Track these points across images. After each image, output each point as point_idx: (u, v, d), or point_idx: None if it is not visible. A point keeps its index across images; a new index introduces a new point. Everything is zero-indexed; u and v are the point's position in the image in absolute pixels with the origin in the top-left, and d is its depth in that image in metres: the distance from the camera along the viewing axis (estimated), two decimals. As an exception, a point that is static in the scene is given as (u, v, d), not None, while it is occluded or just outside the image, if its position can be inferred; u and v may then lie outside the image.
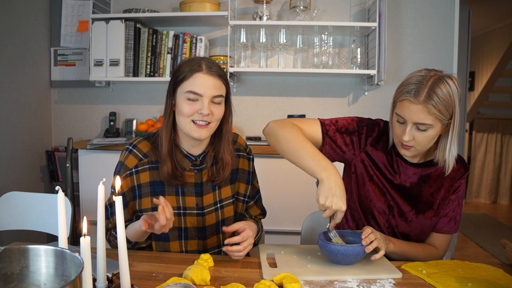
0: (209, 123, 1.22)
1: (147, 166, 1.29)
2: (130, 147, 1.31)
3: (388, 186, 1.32)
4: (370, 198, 1.33)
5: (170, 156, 1.25)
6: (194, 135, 1.22)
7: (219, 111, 1.24)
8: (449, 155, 1.22)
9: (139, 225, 1.12)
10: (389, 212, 1.33)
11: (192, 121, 1.21)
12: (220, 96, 1.23)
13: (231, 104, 1.31)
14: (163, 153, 1.25)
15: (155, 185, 1.29)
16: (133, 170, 1.28)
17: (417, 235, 1.34)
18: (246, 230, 1.19)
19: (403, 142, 1.20)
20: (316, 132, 1.32)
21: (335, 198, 1.10)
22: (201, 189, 1.32)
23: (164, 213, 1.06)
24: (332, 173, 1.13)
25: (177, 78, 1.22)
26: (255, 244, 1.38)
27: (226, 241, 1.16)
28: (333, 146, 1.32)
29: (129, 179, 1.28)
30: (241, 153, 1.39)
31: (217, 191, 1.34)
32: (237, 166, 1.37)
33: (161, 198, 1.09)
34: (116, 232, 1.27)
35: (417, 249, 1.30)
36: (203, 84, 1.19)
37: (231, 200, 1.37)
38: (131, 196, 1.29)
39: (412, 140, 1.19)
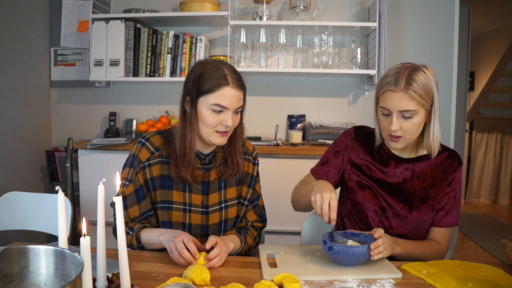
0: (228, 131, 1.27)
1: (158, 159, 1.32)
2: (143, 140, 1.33)
3: (378, 188, 1.35)
4: (362, 202, 1.36)
5: (190, 164, 1.27)
6: (216, 142, 1.26)
7: (237, 119, 1.29)
8: (433, 139, 1.28)
9: (159, 240, 1.20)
10: (381, 214, 1.34)
11: (216, 131, 1.25)
12: (241, 106, 1.28)
13: (245, 105, 1.33)
14: (187, 161, 1.27)
15: (164, 179, 1.31)
16: (146, 163, 1.31)
17: (415, 234, 1.35)
18: (219, 243, 1.18)
19: (391, 133, 1.25)
20: (311, 178, 1.47)
21: (322, 190, 1.17)
22: (208, 188, 1.34)
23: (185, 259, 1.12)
24: (318, 181, 1.26)
25: (201, 88, 1.23)
26: (247, 253, 1.41)
27: (204, 258, 1.14)
28: (325, 177, 1.42)
29: (143, 172, 1.31)
30: (248, 157, 1.43)
31: (222, 191, 1.36)
32: (243, 169, 1.40)
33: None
34: (129, 228, 1.29)
35: (422, 248, 1.30)
36: (230, 98, 1.22)
37: (235, 201, 1.39)
38: (145, 189, 1.31)
39: (400, 129, 1.24)
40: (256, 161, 1.45)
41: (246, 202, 1.41)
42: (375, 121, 1.34)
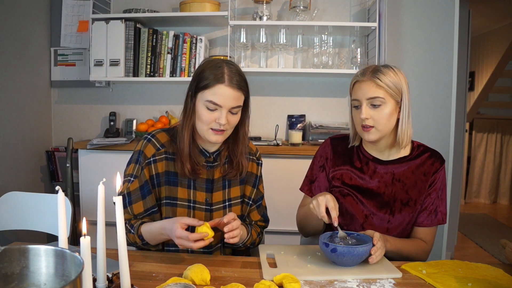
0: (224, 130, 1.27)
1: (163, 156, 1.33)
2: (149, 137, 1.35)
3: (359, 195, 1.36)
4: (345, 209, 1.37)
5: (190, 156, 1.29)
6: (211, 139, 1.27)
7: (235, 119, 1.28)
8: (401, 131, 1.30)
9: (160, 229, 1.21)
10: (364, 221, 1.36)
11: (210, 128, 1.25)
12: (238, 106, 1.26)
13: (249, 108, 1.33)
14: (185, 153, 1.28)
15: (170, 175, 1.32)
16: (151, 159, 1.32)
17: (399, 234, 1.36)
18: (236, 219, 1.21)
19: (362, 123, 1.28)
20: (307, 199, 1.49)
21: (318, 195, 1.23)
22: (212, 186, 1.35)
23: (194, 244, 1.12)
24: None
25: (199, 83, 1.25)
26: (248, 249, 1.41)
27: (226, 230, 1.17)
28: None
29: (148, 168, 1.31)
30: (251, 157, 1.44)
31: (226, 190, 1.38)
32: (247, 169, 1.40)
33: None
34: (130, 225, 1.29)
35: (409, 246, 1.32)
36: (224, 96, 1.22)
37: (239, 200, 1.40)
38: (151, 185, 1.32)
39: (370, 118, 1.26)
40: (260, 162, 1.47)
41: (250, 202, 1.43)
42: (350, 123, 1.40)
